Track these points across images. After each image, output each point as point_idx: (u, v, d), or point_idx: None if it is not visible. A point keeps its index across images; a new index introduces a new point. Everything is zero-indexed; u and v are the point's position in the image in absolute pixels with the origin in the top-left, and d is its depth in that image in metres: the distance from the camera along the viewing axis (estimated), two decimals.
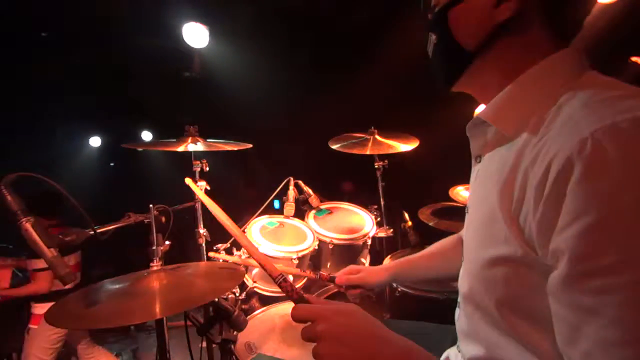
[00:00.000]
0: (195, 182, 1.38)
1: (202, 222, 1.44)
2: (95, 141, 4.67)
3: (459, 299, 0.67)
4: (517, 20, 0.52)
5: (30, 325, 2.12)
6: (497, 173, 0.52)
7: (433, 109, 2.32)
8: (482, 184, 0.58)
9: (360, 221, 1.82)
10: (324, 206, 1.91)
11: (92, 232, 0.86)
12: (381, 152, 1.88)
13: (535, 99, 0.50)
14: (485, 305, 0.54)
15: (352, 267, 1.12)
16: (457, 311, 0.69)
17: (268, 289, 1.56)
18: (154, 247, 0.96)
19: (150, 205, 0.97)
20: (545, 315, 0.43)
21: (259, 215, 1.73)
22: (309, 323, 0.54)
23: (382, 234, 1.86)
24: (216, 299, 0.87)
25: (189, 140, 1.38)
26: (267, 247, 1.54)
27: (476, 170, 0.62)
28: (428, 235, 1.07)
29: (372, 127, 1.91)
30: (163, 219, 1.06)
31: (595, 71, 0.51)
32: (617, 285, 0.35)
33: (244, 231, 1.65)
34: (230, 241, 1.69)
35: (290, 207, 1.75)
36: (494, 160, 0.55)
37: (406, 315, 1.12)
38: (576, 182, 0.37)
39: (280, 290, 0.60)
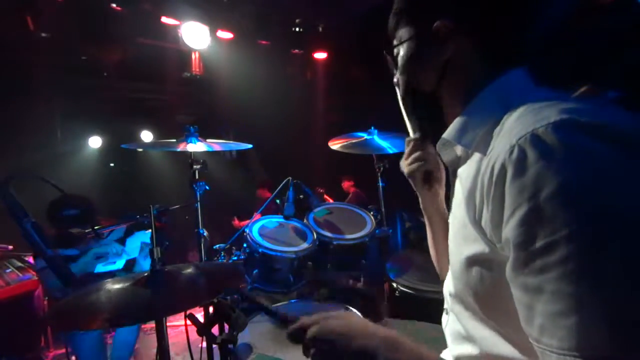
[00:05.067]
0: (195, 182, 1.38)
1: (202, 223, 1.44)
2: (95, 141, 4.67)
3: (446, 305, 0.71)
4: (458, 56, 0.60)
5: None
6: (465, 182, 0.58)
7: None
8: (457, 193, 0.64)
9: (360, 221, 1.82)
10: (323, 206, 1.92)
11: (91, 232, 0.86)
12: (381, 152, 1.88)
13: (485, 120, 0.57)
14: (470, 303, 0.58)
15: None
16: (445, 318, 0.73)
17: (268, 289, 1.56)
18: (153, 247, 0.96)
19: (150, 206, 0.97)
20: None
21: (259, 215, 1.73)
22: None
23: (382, 234, 1.86)
24: (216, 299, 0.87)
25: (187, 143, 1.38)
26: (267, 247, 1.54)
27: (454, 181, 0.68)
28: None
29: (372, 127, 1.91)
30: (163, 219, 1.06)
31: (540, 85, 0.57)
32: (551, 263, 0.40)
33: (244, 231, 1.65)
34: (230, 242, 1.70)
35: (290, 207, 1.75)
36: (464, 171, 0.61)
37: (406, 316, 1.12)
38: (509, 182, 0.45)
39: (277, 291, 0.61)
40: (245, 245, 1.63)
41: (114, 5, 3.19)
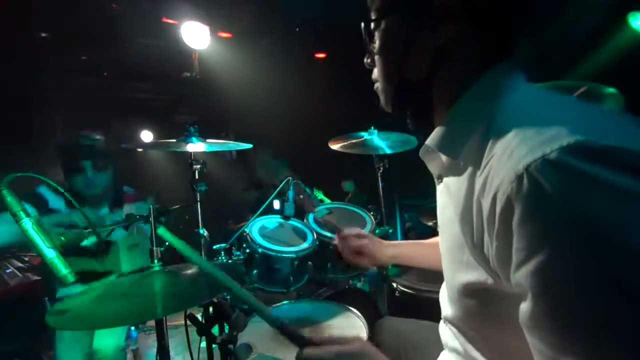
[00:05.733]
0: (195, 183, 1.38)
1: (202, 223, 1.44)
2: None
3: (443, 314, 0.67)
4: (455, 43, 0.52)
5: None
6: (455, 197, 0.52)
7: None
8: (446, 205, 0.58)
9: (360, 221, 1.82)
10: (323, 206, 1.91)
11: (91, 232, 0.86)
12: (381, 152, 1.88)
13: (472, 123, 0.51)
14: (470, 331, 0.55)
15: (360, 231, 1.16)
16: (442, 326, 0.70)
17: (268, 289, 1.56)
18: (153, 248, 0.96)
19: (150, 206, 0.97)
20: None
21: (259, 215, 1.73)
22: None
23: (382, 234, 1.86)
24: (216, 299, 0.87)
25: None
26: (267, 247, 1.54)
27: (439, 189, 0.63)
28: (428, 235, 1.08)
29: (372, 127, 1.91)
30: (163, 219, 1.06)
31: (528, 83, 0.52)
32: (576, 322, 0.36)
33: (243, 231, 1.65)
34: (230, 242, 1.70)
35: (290, 207, 1.75)
36: (452, 182, 0.55)
37: (406, 316, 1.12)
38: (518, 222, 0.38)
39: (277, 291, 0.61)
40: (245, 245, 1.63)
41: (114, 5, 3.19)
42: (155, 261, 0.95)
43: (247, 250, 1.62)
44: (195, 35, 3.20)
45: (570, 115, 0.42)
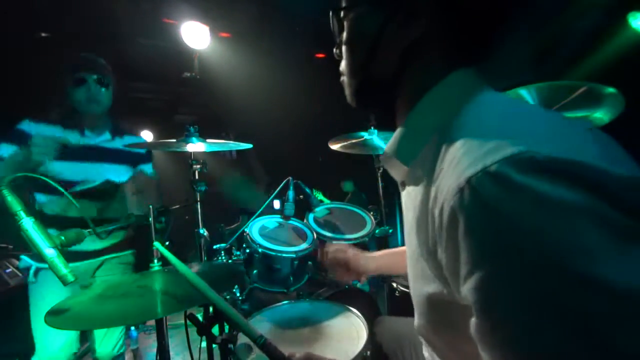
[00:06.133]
0: (195, 183, 1.38)
1: (202, 223, 1.44)
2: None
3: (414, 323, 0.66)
4: (423, 42, 0.50)
5: None
6: (413, 206, 0.51)
7: None
8: (408, 214, 0.56)
9: (360, 221, 1.82)
10: (323, 206, 1.91)
11: (91, 232, 0.86)
12: (381, 152, 1.88)
13: (428, 129, 0.49)
14: (435, 340, 0.53)
15: (341, 246, 1.15)
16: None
17: (268, 289, 1.56)
18: (153, 248, 0.96)
19: (150, 206, 0.97)
20: None
21: (259, 215, 1.73)
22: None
23: (382, 234, 1.86)
24: None
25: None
26: (267, 247, 1.54)
27: (403, 196, 0.60)
28: None
29: (372, 127, 1.91)
30: (163, 219, 1.06)
31: (493, 91, 0.50)
32: (515, 340, 0.35)
33: (243, 232, 1.65)
34: (230, 242, 1.70)
35: (290, 207, 1.75)
36: (412, 190, 0.53)
37: (406, 315, 1.12)
38: (462, 235, 0.37)
39: (277, 291, 0.60)
40: (245, 245, 1.63)
41: (113, 5, 3.19)
42: (155, 261, 0.95)
43: (247, 250, 1.62)
44: (195, 35, 3.20)
45: (522, 126, 0.40)
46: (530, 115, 0.43)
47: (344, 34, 0.57)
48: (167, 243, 1.06)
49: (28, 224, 0.70)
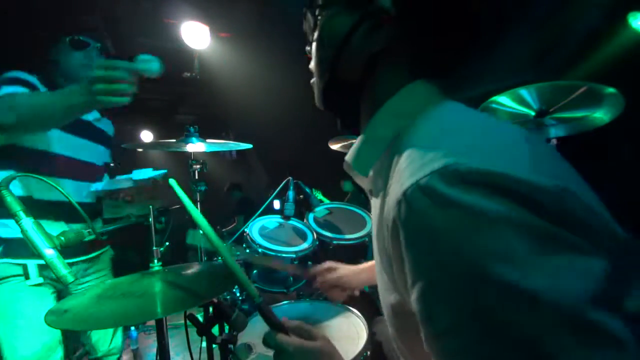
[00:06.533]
0: (195, 183, 1.38)
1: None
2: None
3: None
4: (389, 50, 0.50)
5: None
6: (375, 216, 0.52)
7: None
8: (374, 220, 0.57)
9: (360, 221, 1.82)
10: (323, 206, 1.91)
11: (91, 232, 0.86)
12: None
13: (384, 139, 0.50)
14: (406, 353, 0.54)
15: (329, 264, 1.14)
16: None
17: (268, 289, 1.56)
18: (153, 248, 0.96)
19: (150, 206, 0.97)
20: None
21: (259, 215, 1.73)
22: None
23: None
24: (216, 299, 0.87)
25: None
26: (267, 247, 1.54)
27: (372, 204, 0.61)
28: None
29: None
30: (163, 219, 1.06)
31: (453, 103, 0.49)
32: (454, 350, 0.35)
33: (243, 231, 1.65)
34: (230, 242, 1.70)
35: (290, 207, 1.75)
36: (374, 201, 0.54)
37: None
38: (404, 247, 0.38)
39: (277, 291, 0.61)
40: (245, 245, 1.63)
41: (113, 4, 3.19)
42: (155, 261, 0.95)
43: (247, 250, 1.62)
44: (195, 35, 3.20)
45: (458, 139, 0.40)
46: (472, 128, 0.43)
47: (316, 33, 0.57)
48: (166, 244, 1.06)
49: (28, 224, 0.70)
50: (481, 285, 0.32)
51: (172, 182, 0.79)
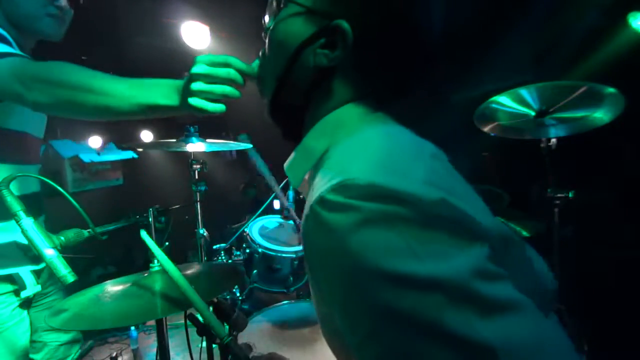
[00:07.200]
0: (195, 183, 1.38)
1: (202, 223, 1.44)
2: (95, 141, 4.66)
3: None
4: (337, 68, 0.51)
5: None
6: None
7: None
8: None
9: None
10: None
11: (91, 233, 0.86)
12: None
13: (313, 155, 0.51)
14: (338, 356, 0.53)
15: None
16: None
17: (268, 289, 1.56)
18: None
19: (150, 208, 0.97)
20: None
21: (259, 215, 1.73)
22: None
23: None
24: (216, 299, 0.87)
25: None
26: (267, 247, 1.54)
27: None
28: None
29: None
30: (162, 219, 1.06)
31: (390, 125, 0.51)
32: (377, 353, 0.36)
33: (243, 231, 1.65)
34: (230, 242, 1.70)
35: (290, 208, 1.75)
36: None
37: None
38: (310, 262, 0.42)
39: (277, 291, 0.60)
40: (245, 245, 1.63)
41: (113, 4, 3.19)
42: (155, 261, 0.95)
43: (247, 250, 1.62)
44: (195, 35, 3.20)
45: (367, 158, 0.41)
46: (379, 149, 0.44)
47: (271, 31, 0.59)
48: (166, 244, 1.06)
49: (27, 224, 0.70)
50: (378, 283, 0.34)
51: (142, 234, 0.79)
